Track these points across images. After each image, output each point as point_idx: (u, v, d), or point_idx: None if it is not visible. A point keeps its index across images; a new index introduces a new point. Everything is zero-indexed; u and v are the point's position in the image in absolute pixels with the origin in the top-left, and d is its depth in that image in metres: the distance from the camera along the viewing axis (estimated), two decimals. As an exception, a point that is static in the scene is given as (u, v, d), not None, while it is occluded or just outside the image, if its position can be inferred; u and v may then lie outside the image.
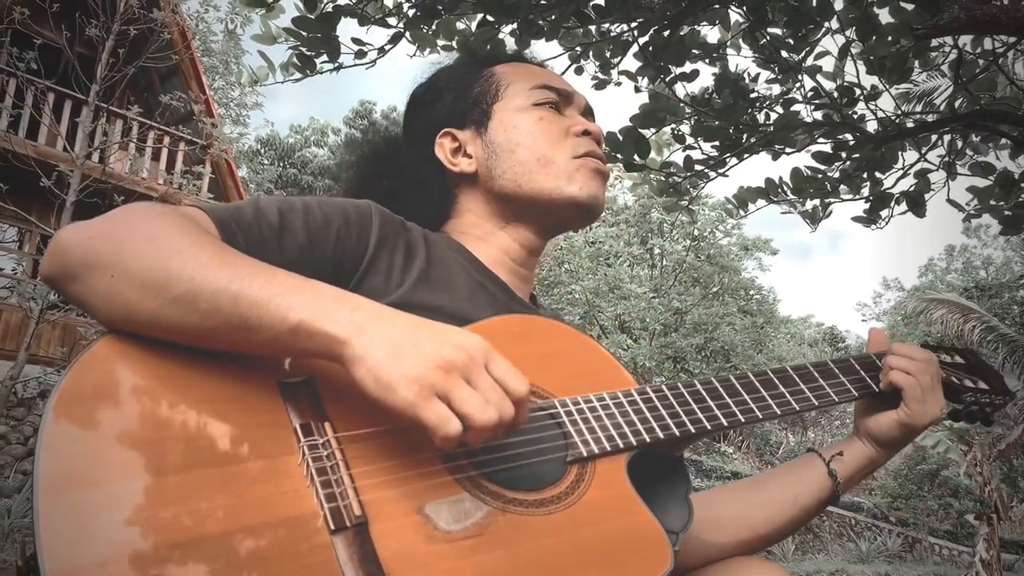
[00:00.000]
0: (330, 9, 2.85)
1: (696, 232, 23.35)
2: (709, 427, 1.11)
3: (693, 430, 1.09)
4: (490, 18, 2.92)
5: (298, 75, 3.10)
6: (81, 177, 10.16)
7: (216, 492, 0.80)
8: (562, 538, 0.90)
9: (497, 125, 1.33)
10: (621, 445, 1.02)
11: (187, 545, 0.75)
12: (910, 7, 2.84)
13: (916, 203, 3.59)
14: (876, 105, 3.36)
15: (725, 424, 1.13)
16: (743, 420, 1.15)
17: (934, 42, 3.24)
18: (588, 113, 1.40)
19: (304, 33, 2.91)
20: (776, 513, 1.29)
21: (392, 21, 3.00)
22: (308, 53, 2.99)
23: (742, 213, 4.02)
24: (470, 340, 0.88)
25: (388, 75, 3.05)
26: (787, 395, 1.21)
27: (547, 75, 1.39)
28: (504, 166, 1.30)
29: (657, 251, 24.93)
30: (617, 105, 4.02)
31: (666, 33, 3.10)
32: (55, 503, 0.74)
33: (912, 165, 3.54)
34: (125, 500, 0.76)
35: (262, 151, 34.52)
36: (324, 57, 3.03)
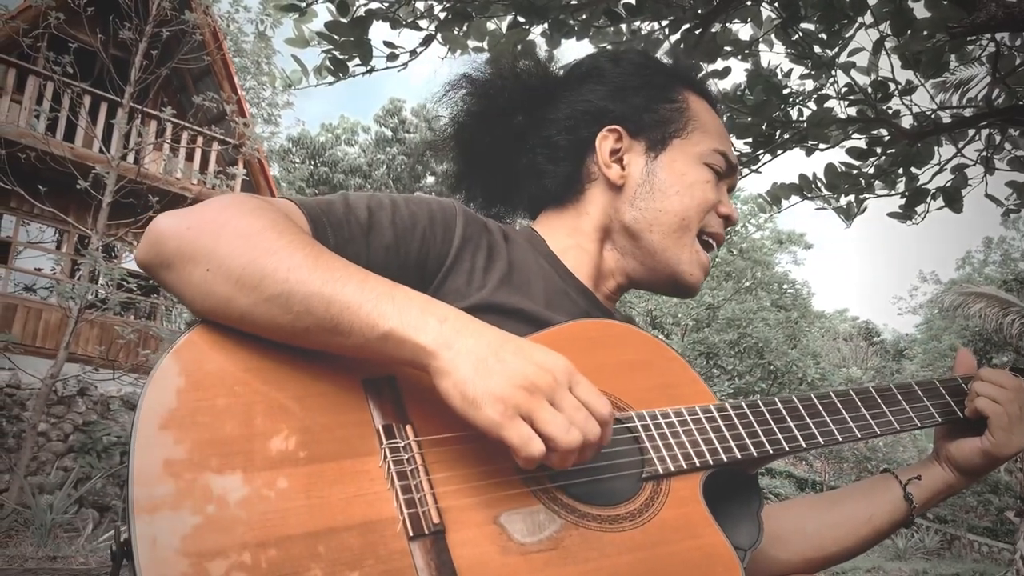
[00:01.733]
0: (362, 13, 2.87)
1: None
2: (788, 449, 1.09)
3: (771, 451, 1.08)
4: (521, 19, 2.93)
5: (331, 78, 3.13)
6: (116, 178, 10.32)
7: (301, 491, 0.81)
8: (635, 557, 0.90)
9: (668, 161, 1.26)
10: (698, 464, 1.01)
11: (272, 544, 0.77)
12: (945, 1, 2.80)
13: (953, 199, 3.55)
14: (911, 100, 3.32)
15: (804, 447, 1.10)
16: (822, 442, 1.13)
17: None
18: (732, 189, 1.36)
19: (337, 37, 2.94)
20: (847, 533, 1.26)
21: (423, 24, 3.02)
22: (341, 57, 3.03)
23: (776, 209, 4.00)
24: (555, 360, 0.87)
25: (418, 73, 3.08)
26: (868, 417, 1.17)
27: (728, 144, 1.33)
28: (649, 204, 1.24)
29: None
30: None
31: (698, 31, 3.08)
32: (148, 494, 0.76)
33: (949, 160, 3.50)
34: (215, 494, 0.78)
35: (293, 150, 34.79)
36: (356, 60, 3.06)
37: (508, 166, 1.31)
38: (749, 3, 3.03)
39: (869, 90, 3.35)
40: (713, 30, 3.13)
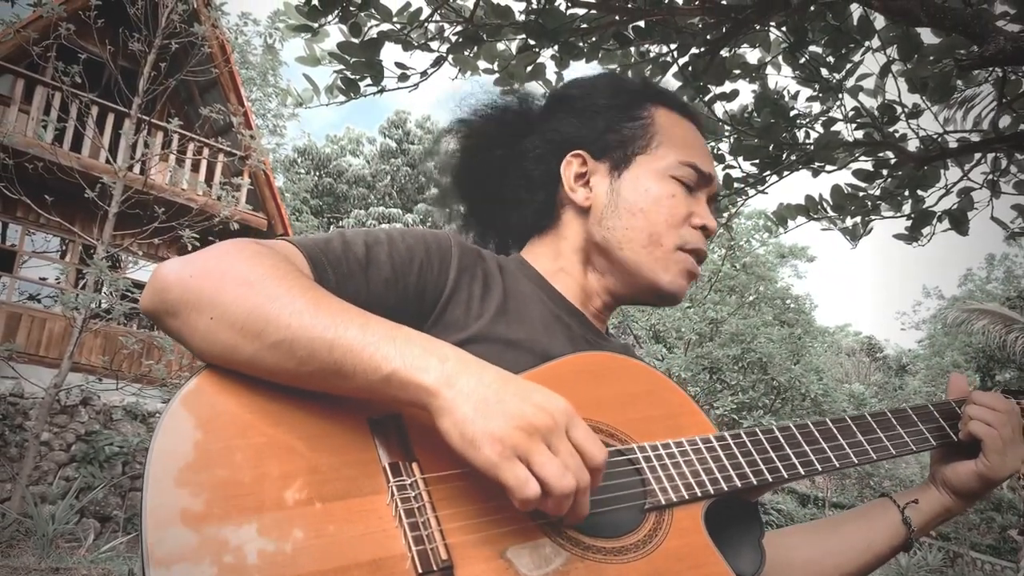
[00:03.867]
0: (374, 35, 2.90)
1: (731, 242, 23.19)
2: (787, 477, 1.11)
3: (771, 479, 1.10)
4: (531, 42, 2.95)
5: (342, 98, 3.16)
6: (123, 188, 10.36)
7: (311, 531, 0.82)
8: None
9: (631, 179, 1.27)
10: (699, 494, 1.03)
11: None
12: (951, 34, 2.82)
13: (959, 221, 3.56)
14: (918, 123, 3.35)
15: (802, 474, 1.12)
16: (820, 470, 1.15)
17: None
18: (713, 199, 1.34)
19: (349, 58, 2.96)
20: (848, 560, 1.28)
21: (434, 45, 3.05)
22: (352, 77, 3.05)
23: (782, 230, 4.01)
24: (554, 402, 0.88)
25: (424, 85, 3.10)
26: (865, 444, 1.20)
27: (699, 150, 1.31)
28: (617, 222, 1.25)
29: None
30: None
31: (707, 56, 3.10)
32: (161, 538, 0.78)
33: (955, 184, 3.51)
34: (228, 540, 0.79)
35: (298, 160, 34.89)
36: (367, 80, 3.09)
37: (496, 200, 1.34)
38: (758, 28, 3.05)
39: (876, 113, 3.37)
40: (723, 54, 3.15)
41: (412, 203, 33.36)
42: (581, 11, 2.89)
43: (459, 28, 2.91)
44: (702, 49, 3.10)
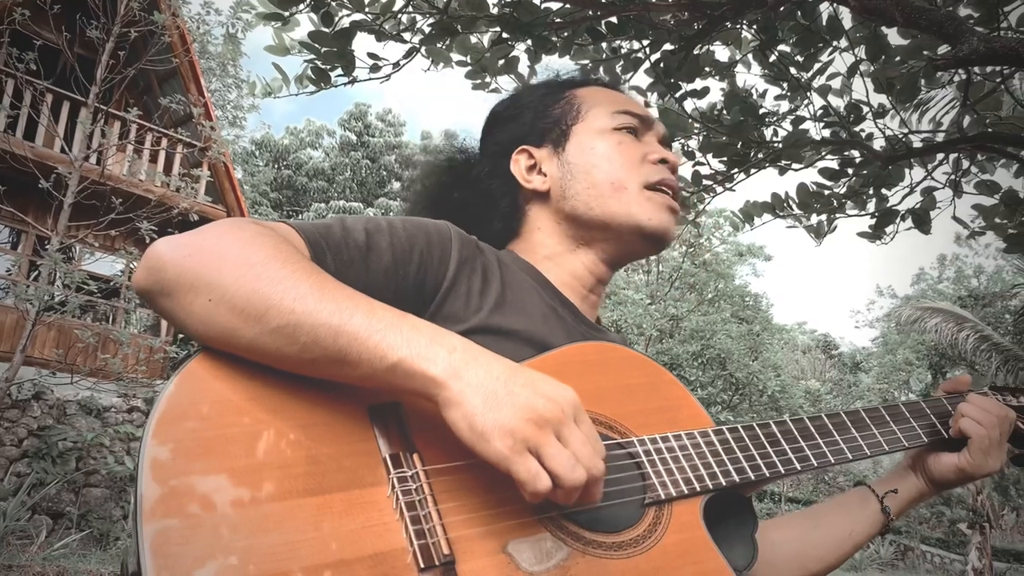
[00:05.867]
0: (347, 24, 2.86)
1: (699, 238, 23.41)
2: (783, 471, 1.12)
3: (768, 474, 1.10)
4: (505, 35, 2.94)
5: (312, 88, 3.12)
6: (79, 179, 10.14)
7: (310, 523, 0.81)
8: None
9: (575, 146, 1.31)
10: (698, 488, 1.03)
11: None
12: (918, 34, 2.87)
13: (922, 220, 3.62)
14: (884, 123, 3.39)
15: (799, 469, 1.14)
16: (816, 465, 1.16)
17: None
18: (666, 142, 1.39)
19: (320, 47, 2.92)
20: (830, 551, 1.31)
21: (407, 36, 3.02)
22: (323, 67, 3.01)
23: (748, 227, 4.05)
24: (563, 393, 0.88)
25: (395, 77, 3.06)
26: (859, 439, 1.21)
27: (628, 101, 1.38)
28: (578, 187, 1.29)
29: (653, 257, 24.96)
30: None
31: (681, 53, 3.12)
32: (157, 527, 0.75)
33: (919, 183, 3.57)
34: (225, 529, 0.77)
35: (257, 153, 34.49)
36: (339, 70, 3.05)
37: (470, 227, 1.32)
38: (729, 26, 3.07)
39: (843, 112, 3.41)
40: (695, 52, 3.17)
41: (373, 197, 33.17)
42: (556, 5, 2.88)
43: (433, 19, 2.89)
44: (675, 46, 3.11)
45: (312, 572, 0.78)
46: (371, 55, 3.00)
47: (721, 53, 3.54)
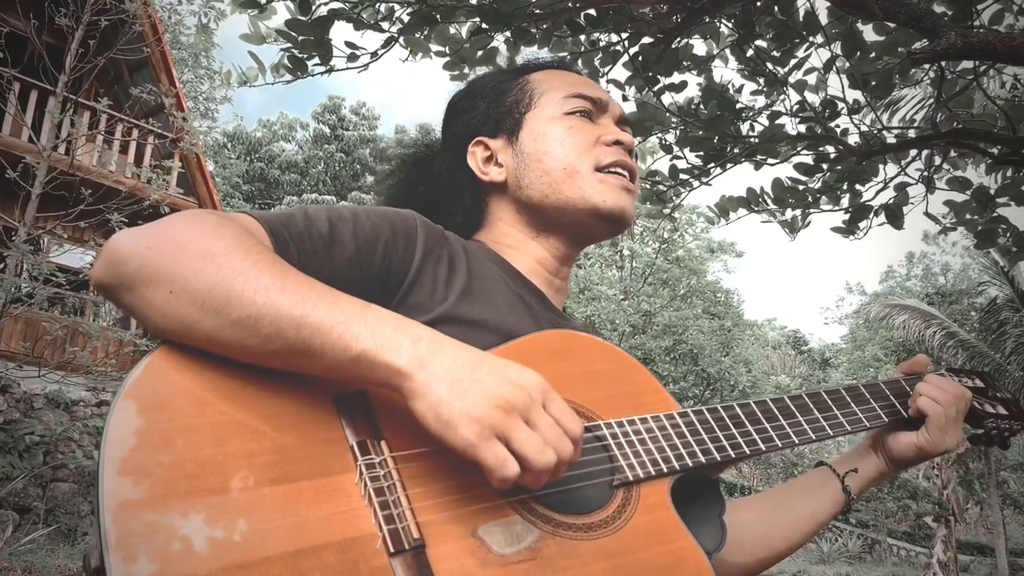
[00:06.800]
0: (324, 13, 2.84)
1: (666, 235, 23.53)
2: (748, 452, 1.13)
3: (733, 455, 1.11)
4: (484, 26, 2.93)
5: (289, 77, 3.09)
6: (47, 169, 9.98)
7: (278, 511, 0.80)
8: (611, 564, 0.92)
9: (527, 134, 1.31)
10: (665, 470, 1.04)
11: (253, 565, 0.76)
12: (892, 25, 2.90)
13: (895, 216, 3.67)
14: (859, 119, 3.43)
15: (763, 449, 1.15)
16: (780, 445, 1.18)
17: (916, 59, 3.30)
18: (623, 123, 1.37)
19: (297, 36, 2.90)
20: (793, 532, 1.33)
21: (385, 25, 3.00)
22: (300, 55, 2.99)
23: (724, 222, 4.08)
24: (529, 378, 0.88)
25: (372, 66, 3.04)
26: (822, 420, 1.23)
27: (582, 83, 1.36)
28: (532, 176, 1.28)
29: (627, 253, 25.08)
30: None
31: (660, 46, 3.12)
32: (120, 521, 0.74)
33: (892, 179, 3.61)
34: (191, 519, 0.76)
35: (229, 145, 34.17)
36: (316, 59, 3.03)
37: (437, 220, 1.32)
38: (708, 20, 3.09)
39: (819, 107, 3.44)
40: (674, 45, 3.18)
41: (346, 190, 32.99)
42: (536, -4, 2.88)
43: (412, 8, 2.87)
44: (654, 39, 3.12)
45: (281, 560, 0.77)
46: (349, 44, 2.97)
47: (699, 48, 3.56)
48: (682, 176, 3.84)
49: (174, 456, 0.79)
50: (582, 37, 3.30)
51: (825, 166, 3.74)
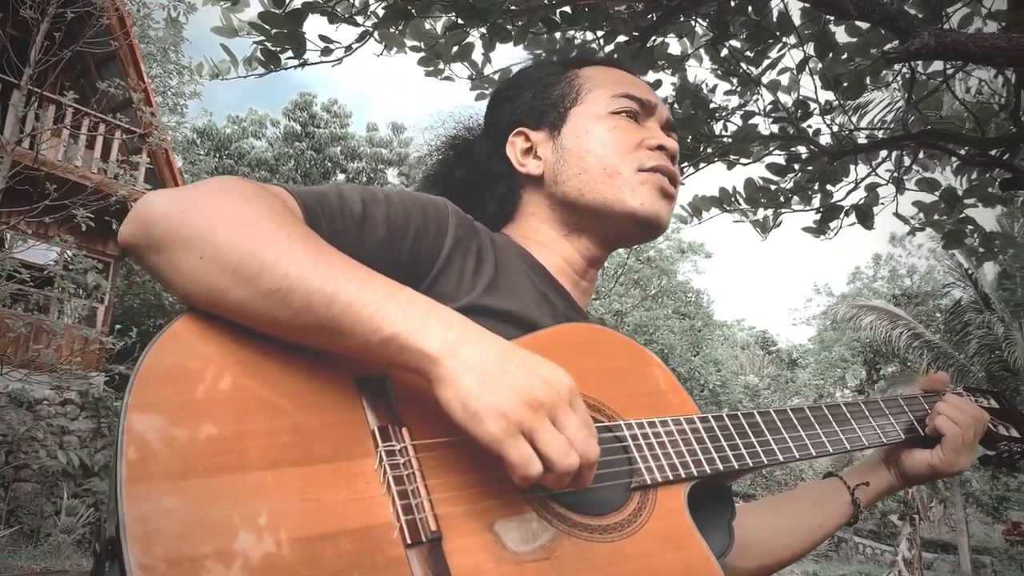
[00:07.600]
0: (298, 6, 2.81)
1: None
2: (766, 462, 1.12)
3: (751, 464, 1.11)
4: (460, 21, 2.92)
5: (262, 70, 3.05)
6: (11, 164, 9.81)
7: (295, 493, 0.78)
8: (624, 568, 0.91)
9: (570, 130, 1.27)
10: (683, 475, 1.02)
11: (268, 547, 0.74)
12: (865, 26, 2.93)
13: (865, 216, 3.71)
14: (831, 119, 3.46)
15: (781, 460, 1.14)
16: (797, 456, 1.17)
17: (887, 61, 3.34)
18: (670, 128, 1.33)
19: (270, 29, 2.86)
20: (799, 540, 1.33)
21: (360, 19, 2.97)
22: (273, 49, 2.95)
23: (696, 221, 4.10)
24: (559, 376, 0.86)
25: (329, 67, 3.01)
26: (839, 433, 1.22)
27: (631, 82, 1.32)
28: (570, 172, 1.25)
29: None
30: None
31: (635, 44, 3.13)
32: (138, 494, 0.72)
33: (863, 179, 3.65)
34: (208, 496, 0.75)
35: (198, 141, 33.81)
36: (289, 53, 3.00)
37: (469, 208, 1.30)
38: (683, 19, 3.10)
39: (791, 108, 3.47)
40: (649, 44, 3.19)
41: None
42: (512, -9, 2.87)
43: (386, 3, 2.85)
44: (629, 38, 3.12)
45: (298, 544, 0.75)
46: (323, 37, 2.95)
47: (674, 47, 3.57)
48: (656, 175, 3.85)
49: (193, 431, 0.77)
50: (557, 35, 3.30)
51: (797, 166, 3.78)
